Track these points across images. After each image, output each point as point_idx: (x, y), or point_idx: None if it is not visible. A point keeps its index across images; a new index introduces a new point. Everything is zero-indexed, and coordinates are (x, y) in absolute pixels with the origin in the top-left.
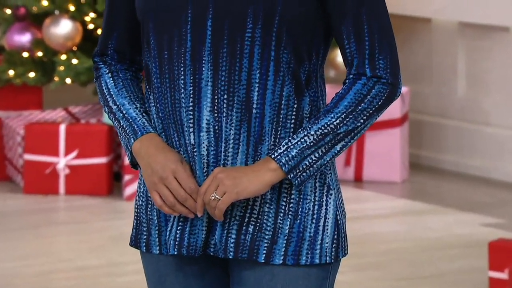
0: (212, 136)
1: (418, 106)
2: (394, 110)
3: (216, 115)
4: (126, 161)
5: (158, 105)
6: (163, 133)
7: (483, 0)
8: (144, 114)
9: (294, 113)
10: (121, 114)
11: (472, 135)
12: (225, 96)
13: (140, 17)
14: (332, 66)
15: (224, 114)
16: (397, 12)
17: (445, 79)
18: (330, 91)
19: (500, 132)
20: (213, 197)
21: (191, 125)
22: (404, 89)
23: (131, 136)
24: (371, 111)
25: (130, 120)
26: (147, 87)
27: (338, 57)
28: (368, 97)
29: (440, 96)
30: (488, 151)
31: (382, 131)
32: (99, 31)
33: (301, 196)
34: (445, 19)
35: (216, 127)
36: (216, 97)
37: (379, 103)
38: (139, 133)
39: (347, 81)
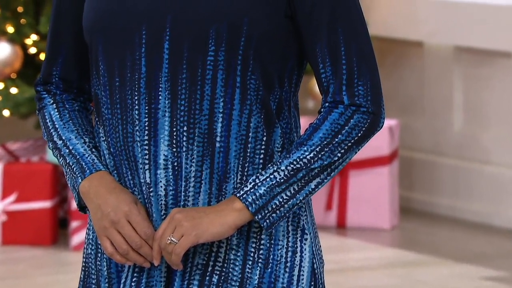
0: (170, 173)
1: (409, 141)
2: (381, 146)
3: (174, 150)
4: (73, 205)
5: (109, 139)
6: (115, 171)
7: (482, 22)
8: (93, 150)
9: (263, 147)
10: (67, 150)
11: (470, 175)
12: (185, 128)
13: (88, 39)
14: (311, 95)
15: (184, 149)
16: (385, 34)
17: (439, 111)
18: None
19: (502, 171)
20: (169, 241)
21: (146, 161)
22: (393, 122)
23: (78, 175)
24: (349, 144)
25: (78, 157)
26: (97, 119)
27: (317, 86)
28: (346, 128)
29: (433, 131)
30: (488, 193)
31: (368, 170)
32: (42, 56)
33: (272, 242)
34: (439, 43)
35: (175, 164)
36: (174, 129)
37: (359, 134)
38: (88, 171)
39: (322, 110)
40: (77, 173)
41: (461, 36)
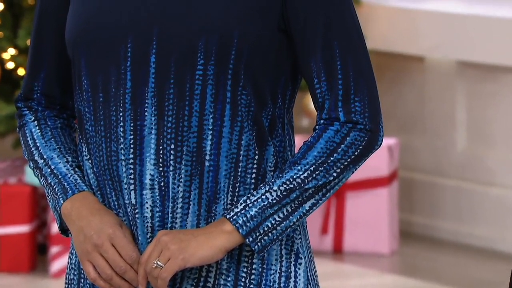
0: (157, 194)
1: (409, 162)
2: (380, 167)
3: (161, 169)
4: (53, 229)
5: (92, 158)
6: (98, 192)
7: (486, 36)
8: (76, 169)
9: (255, 166)
10: (49, 170)
11: (474, 197)
12: (172, 146)
13: (70, 52)
14: (306, 113)
15: (171, 168)
16: (383, 48)
17: (441, 129)
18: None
19: (507, 194)
20: (154, 265)
21: (131, 181)
22: (392, 141)
23: (60, 196)
24: (345, 163)
25: (60, 177)
26: (80, 136)
27: (312, 103)
28: (342, 146)
29: (435, 150)
30: (493, 217)
31: (366, 192)
32: (20, 71)
33: (264, 266)
34: (440, 58)
35: (162, 184)
36: (161, 147)
37: (356, 153)
38: (70, 192)
39: (317, 127)
40: (58, 193)
41: (464, 51)
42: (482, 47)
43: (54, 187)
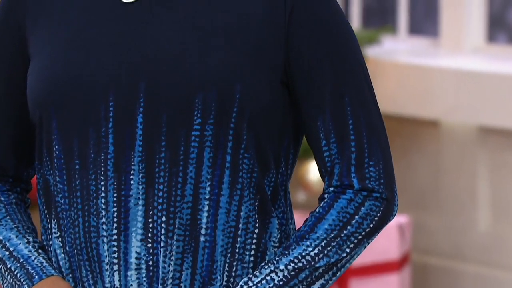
0: (143, 275)
1: (423, 243)
2: (390, 249)
3: (150, 245)
4: None
5: (65, 235)
6: (70, 275)
7: (511, 97)
8: (40, 251)
9: (254, 241)
10: (7, 253)
11: (498, 285)
12: (164, 219)
13: (37, 114)
14: (302, 186)
15: (162, 244)
16: (393, 111)
17: (459, 206)
18: (299, 221)
19: None
20: None
21: (115, 261)
22: (403, 219)
23: (24, 282)
24: (360, 237)
25: (21, 260)
26: (46, 211)
27: (310, 173)
28: (356, 217)
29: (453, 230)
30: None
31: (373, 279)
32: None
33: None
34: (458, 122)
35: (150, 263)
36: (150, 220)
37: (371, 225)
38: (36, 277)
39: (326, 196)
40: (22, 280)
41: (486, 114)
42: (506, 110)
43: (15, 272)
